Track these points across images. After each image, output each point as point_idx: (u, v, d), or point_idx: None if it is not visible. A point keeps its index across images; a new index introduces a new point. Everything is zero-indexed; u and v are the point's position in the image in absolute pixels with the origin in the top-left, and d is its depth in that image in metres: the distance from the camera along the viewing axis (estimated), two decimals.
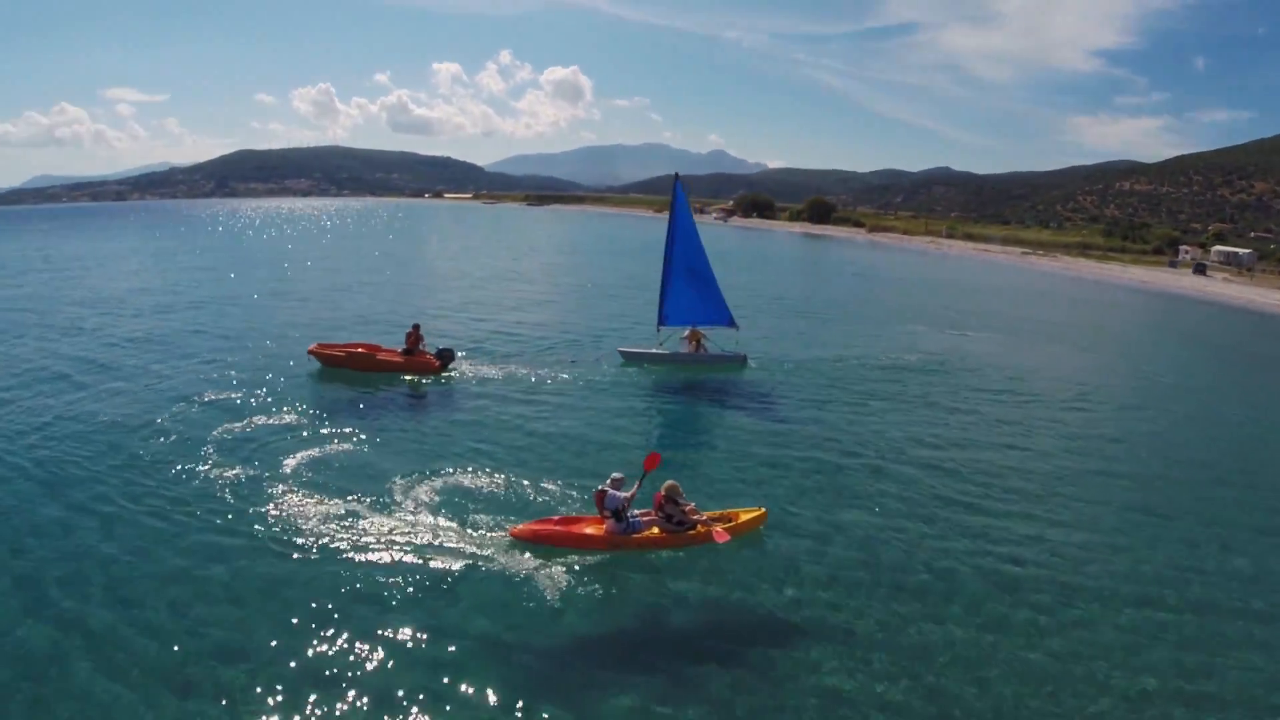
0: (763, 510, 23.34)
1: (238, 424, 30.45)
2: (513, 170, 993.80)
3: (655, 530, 21.90)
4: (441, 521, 22.44)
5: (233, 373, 38.34)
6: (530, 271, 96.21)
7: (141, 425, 30.16)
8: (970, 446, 31.60)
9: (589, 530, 21.90)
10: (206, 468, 26.18)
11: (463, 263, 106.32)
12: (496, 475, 26.05)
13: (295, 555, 20.52)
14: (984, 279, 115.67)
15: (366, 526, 22.11)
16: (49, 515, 22.76)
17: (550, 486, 25.34)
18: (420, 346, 40.20)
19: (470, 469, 26.65)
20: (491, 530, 21.89)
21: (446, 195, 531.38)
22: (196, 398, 33.73)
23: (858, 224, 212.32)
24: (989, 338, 57.20)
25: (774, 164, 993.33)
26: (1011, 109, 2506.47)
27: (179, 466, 26.15)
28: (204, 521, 22.49)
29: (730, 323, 43.78)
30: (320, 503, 23.58)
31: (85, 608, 17.93)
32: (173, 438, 28.82)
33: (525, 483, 25.49)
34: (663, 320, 43.88)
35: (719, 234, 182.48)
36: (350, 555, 20.50)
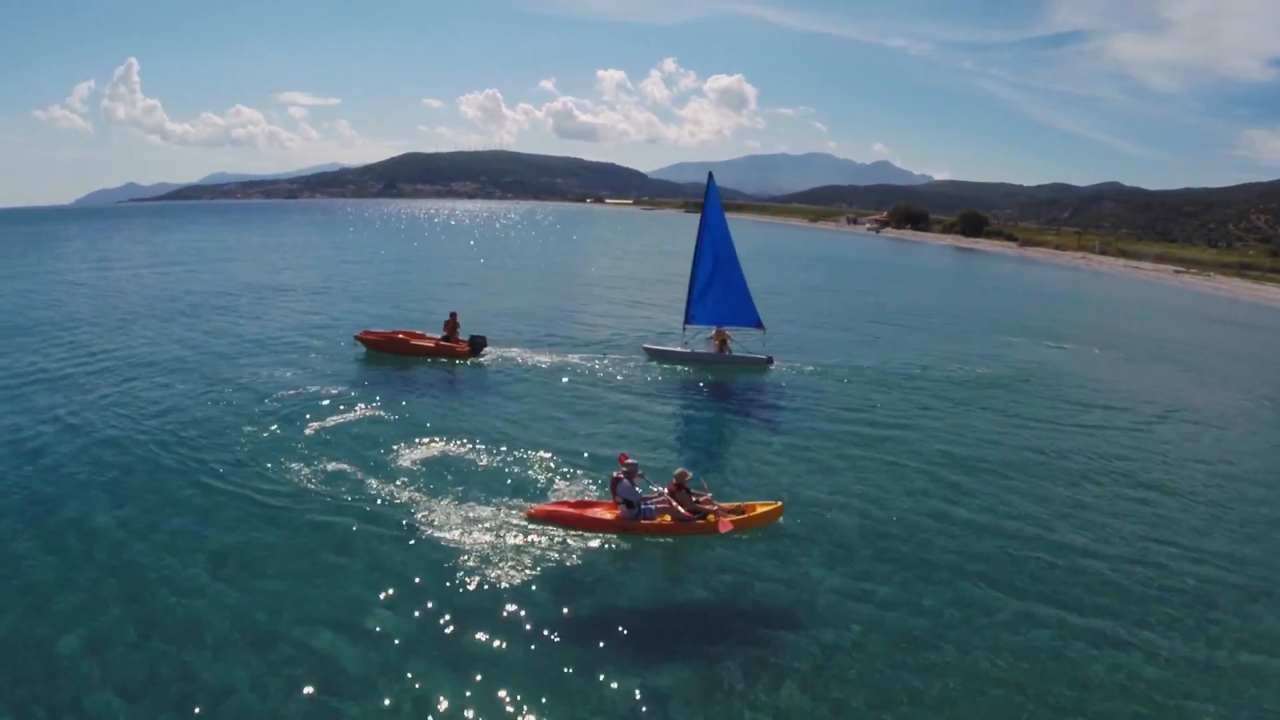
0: (779, 504, 23.29)
1: (282, 399, 33.45)
2: (675, 177, 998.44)
3: (666, 518, 22.36)
4: (463, 497, 23.73)
5: (306, 358, 41.52)
6: (642, 270, 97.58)
7: (210, 393, 34.41)
8: (1000, 451, 30.64)
9: (602, 514, 22.59)
10: (249, 431, 29.34)
11: (597, 263, 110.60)
12: (518, 456, 27.42)
13: (321, 520, 22.22)
14: (1119, 295, 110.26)
15: (389, 494, 23.81)
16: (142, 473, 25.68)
17: (567, 470, 26.38)
18: (457, 334, 42.48)
19: (494, 449, 27.98)
20: (510, 509, 22.99)
21: (608, 200, 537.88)
22: (258, 380, 36.43)
23: (1010, 238, 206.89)
24: (1085, 352, 54.11)
25: (939, 175, 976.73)
26: (1183, 121, 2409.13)
27: (229, 437, 28.88)
28: (238, 484, 24.73)
29: (757, 324, 43.11)
30: (354, 473, 25.39)
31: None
32: (226, 412, 31.72)
33: (544, 465, 26.75)
34: (689, 319, 43.78)
35: (865, 244, 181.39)
36: (371, 520, 22.21)
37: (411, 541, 21.05)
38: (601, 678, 15.79)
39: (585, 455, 28.01)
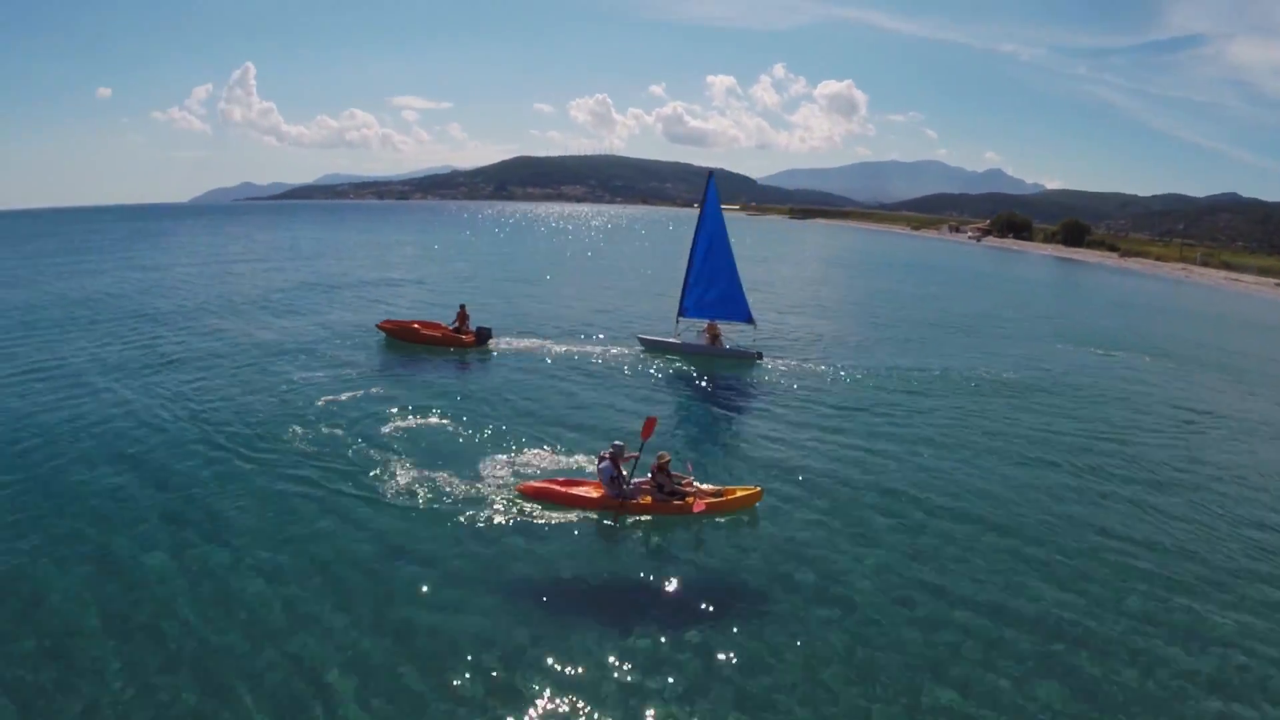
0: (758, 489, 24.27)
1: (304, 382, 36.34)
2: (785, 184, 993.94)
3: (647, 499, 23.45)
4: (460, 473, 25.22)
5: (335, 345, 44.90)
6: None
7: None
8: (991, 451, 30.68)
9: (587, 492, 23.78)
10: (270, 404, 32.71)
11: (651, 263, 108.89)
12: (513, 436, 29.12)
13: (327, 492, 24.04)
14: (1208, 307, 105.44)
15: (387, 468, 25.58)
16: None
17: (558, 450, 28.00)
18: (466, 324, 45.27)
19: (489, 429, 29.92)
20: (502, 485, 24.48)
21: (724, 206, 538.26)
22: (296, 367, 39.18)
23: (1112, 248, 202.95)
24: (1133, 359, 52.00)
25: (1052, 184, 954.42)
26: None
27: (254, 409, 31.81)
28: (254, 454, 27.08)
29: (748, 319, 44.83)
30: (358, 448, 27.45)
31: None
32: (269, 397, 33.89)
33: (537, 445, 28.38)
34: (682, 312, 45.35)
35: (962, 253, 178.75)
36: (369, 492, 23.93)
37: (404, 513, 22.58)
38: (571, 639, 16.92)
39: (575, 436, 29.63)
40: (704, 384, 39.77)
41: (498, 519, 22.29)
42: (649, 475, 23.81)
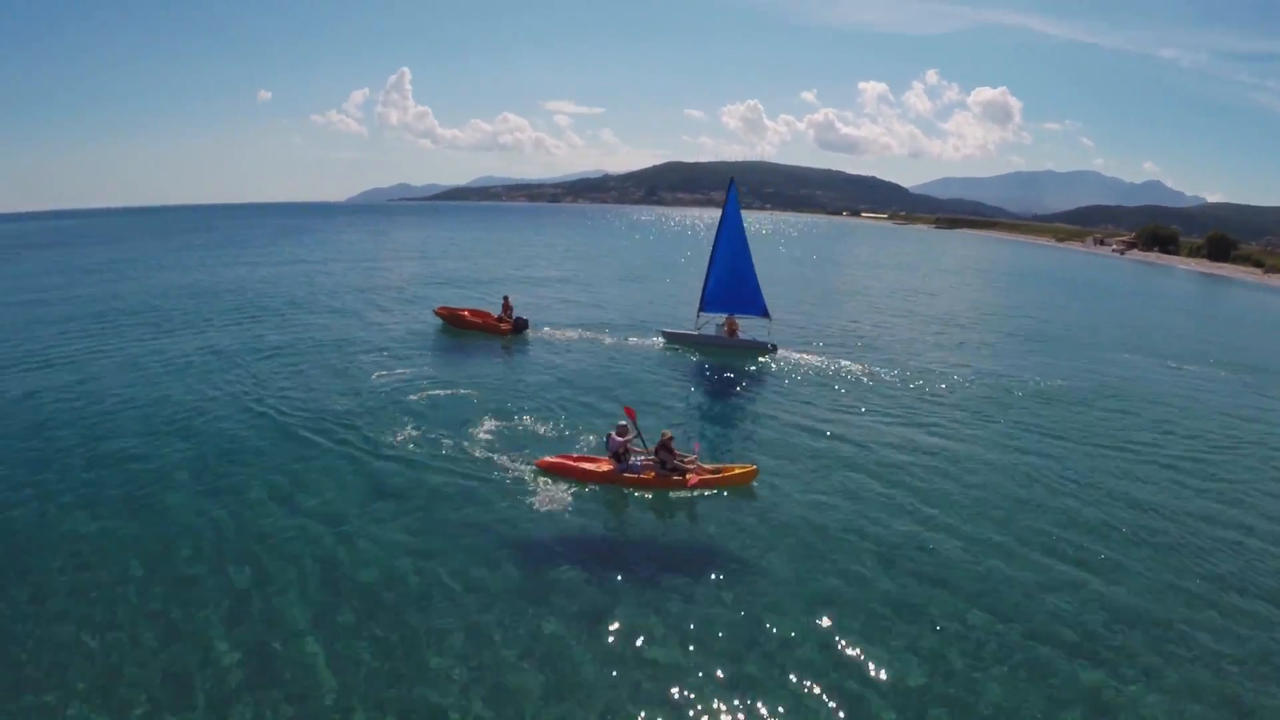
0: (753, 467, 26.29)
1: (367, 363, 41.07)
2: (938, 193, 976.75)
3: (650, 474, 25.65)
4: (489, 447, 28.23)
5: (401, 330, 51.08)
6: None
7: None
8: (988, 461, 30.17)
9: (597, 467, 26.10)
10: (331, 382, 37.10)
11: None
12: (535, 415, 32.25)
13: (370, 457, 27.44)
14: None
15: (424, 438, 28.93)
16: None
17: (573, 429, 30.95)
18: (509, 314, 50.29)
19: (515, 408, 33.17)
20: (522, 459, 26.98)
21: (864, 214, 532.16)
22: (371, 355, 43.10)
23: (1257, 263, 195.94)
24: (1209, 373, 49.86)
25: (1213, 197, 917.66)
26: None
27: (321, 388, 36.14)
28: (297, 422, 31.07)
29: (764, 313, 47.45)
30: (400, 418, 31.36)
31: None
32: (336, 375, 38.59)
33: (555, 423, 31.32)
34: (702, 307, 48.17)
35: (1101, 266, 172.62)
36: (402, 460, 27.09)
37: (432, 479, 25.54)
38: (574, 596, 19.02)
39: (589, 417, 32.48)
40: (718, 373, 42.26)
41: (516, 490, 24.80)
42: (653, 451, 26.04)
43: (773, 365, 44.06)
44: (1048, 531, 23.73)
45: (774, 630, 17.82)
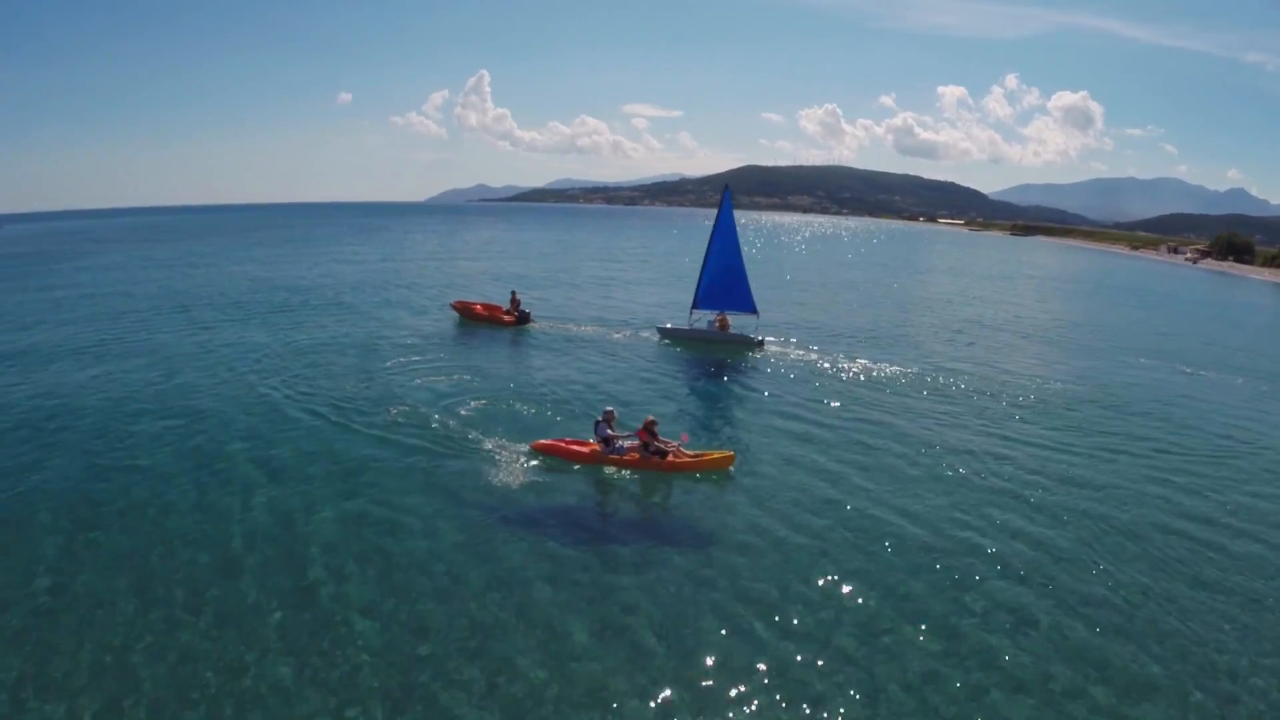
0: (731, 453, 28.48)
1: (388, 348, 46.23)
2: (1016, 199, 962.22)
3: (634, 455, 27.89)
4: (487, 430, 30.95)
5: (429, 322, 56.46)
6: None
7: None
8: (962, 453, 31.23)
9: (585, 450, 28.46)
10: (355, 365, 41.82)
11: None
12: (531, 400, 35.57)
13: (378, 437, 30.12)
14: None
15: (428, 420, 31.88)
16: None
17: (565, 413, 34.06)
18: (517, 308, 55.18)
19: (514, 394, 36.71)
20: (519, 441, 29.54)
21: (940, 220, 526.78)
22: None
23: None
24: (1225, 381, 48.72)
25: None
26: None
27: (344, 372, 40.50)
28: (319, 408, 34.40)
29: (753, 310, 50.41)
30: (408, 401, 34.60)
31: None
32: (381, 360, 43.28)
33: (548, 408, 34.62)
34: (695, 305, 51.35)
35: (1171, 274, 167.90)
36: (407, 440, 29.80)
37: (433, 457, 28.17)
38: (560, 566, 20.98)
39: (581, 403, 35.65)
40: (708, 365, 45.19)
41: (512, 469, 27.32)
42: (636, 435, 28.26)
43: (759, 358, 47.10)
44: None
45: (745, 596, 19.84)
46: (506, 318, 54.66)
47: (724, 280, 50.38)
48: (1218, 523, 25.34)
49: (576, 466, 27.81)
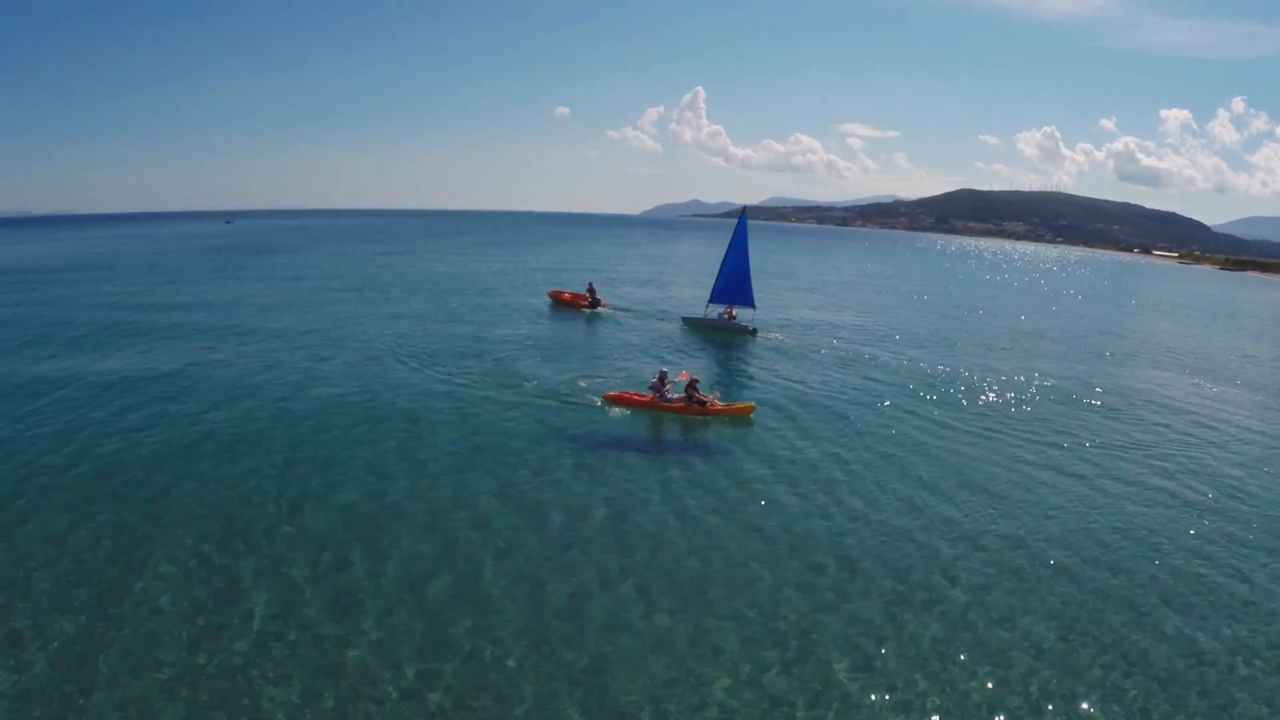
0: (751, 404, 37.49)
1: (508, 328, 58.90)
2: (1242, 232, 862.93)
3: (680, 403, 36.79)
4: (570, 385, 40.83)
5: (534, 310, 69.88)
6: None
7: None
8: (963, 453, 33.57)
9: (645, 398, 37.37)
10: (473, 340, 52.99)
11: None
12: (607, 366, 46.51)
13: (468, 395, 38.73)
14: None
15: (526, 381, 41.40)
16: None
17: (626, 372, 44.79)
18: (594, 295, 71.09)
19: (593, 361, 48.05)
20: (594, 394, 39.18)
21: (1154, 252, 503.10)
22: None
23: None
24: (1234, 393, 50.12)
25: None
26: None
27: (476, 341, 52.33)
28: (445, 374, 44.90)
29: (751, 304, 62.14)
30: (510, 366, 44.94)
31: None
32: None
33: (614, 369, 45.73)
34: (712, 299, 63.54)
35: None
36: (521, 394, 39.00)
37: (532, 407, 36.81)
38: (615, 483, 27.87)
39: (636, 365, 46.87)
40: (719, 346, 57.18)
41: (590, 413, 36.51)
42: (684, 389, 37.16)
43: (754, 344, 57.95)
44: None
45: (754, 510, 26.36)
46: (582, 302, 70.36)
47: (736, 282, 62.01)
48: None
49: (637, 411, 36.71)
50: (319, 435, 31.52)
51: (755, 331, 60.56)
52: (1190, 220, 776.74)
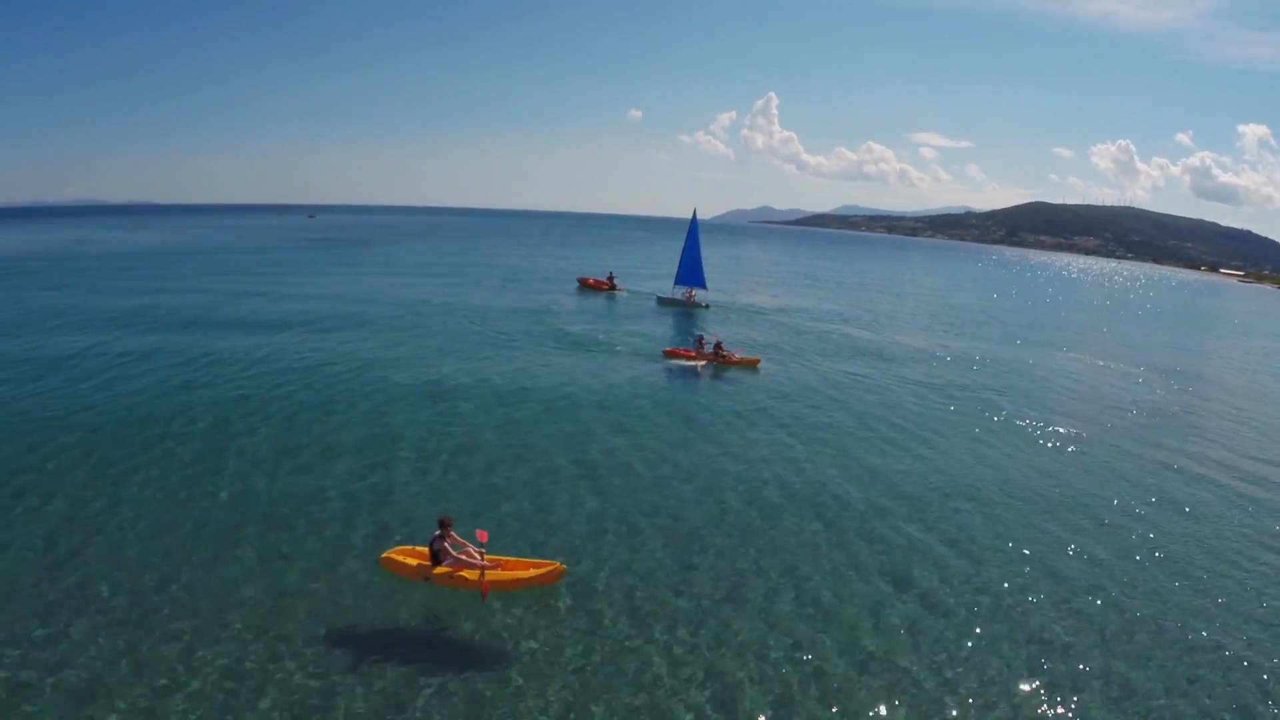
0: (758, 359, 49.68)
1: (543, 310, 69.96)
2: None
3: (712, 356, 49.03)
4: (592, 352, 50.23)
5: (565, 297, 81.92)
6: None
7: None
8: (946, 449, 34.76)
9: (694, 355, 49.57)
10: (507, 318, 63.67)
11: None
12: (627, 333, 58.90)
13: (526, 370, 44.45)
14: None
15: (575, 345, 52.26)
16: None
17: (644, 334, 59.17)
18: (612, 281, 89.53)
19: (613, 333, 58.63)
20: (649, 353, 50.59)
21: (1222, 271, 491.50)
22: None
23: None
24: (1223, 405, 49.70)
25: None
26: None
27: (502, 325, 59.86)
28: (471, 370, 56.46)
29: (703, 285, 77.21)
30: (557, 337, 55.42)
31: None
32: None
33: (652, 336, 58.55)
34: (676, 282, 78.67)
35: None
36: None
37: (604, 363, 46.72)
38: (667, 410, 39.30)
39: (662, 332, 60.72)
40: (681, 318, 70.52)
41: (647, 364, 47.24)
42: (714, 347, 49.45)
43: (705, 314, 73.50)
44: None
45: (773, 420, 36.08)
46: (603, 285, 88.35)
47: (691, 269, 76.77)
48: None
49: (683, 362, 48.17)
50: (531, 420, 34.69)
51: (708, 306, 77.32)
52: (1264, 239, 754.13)
